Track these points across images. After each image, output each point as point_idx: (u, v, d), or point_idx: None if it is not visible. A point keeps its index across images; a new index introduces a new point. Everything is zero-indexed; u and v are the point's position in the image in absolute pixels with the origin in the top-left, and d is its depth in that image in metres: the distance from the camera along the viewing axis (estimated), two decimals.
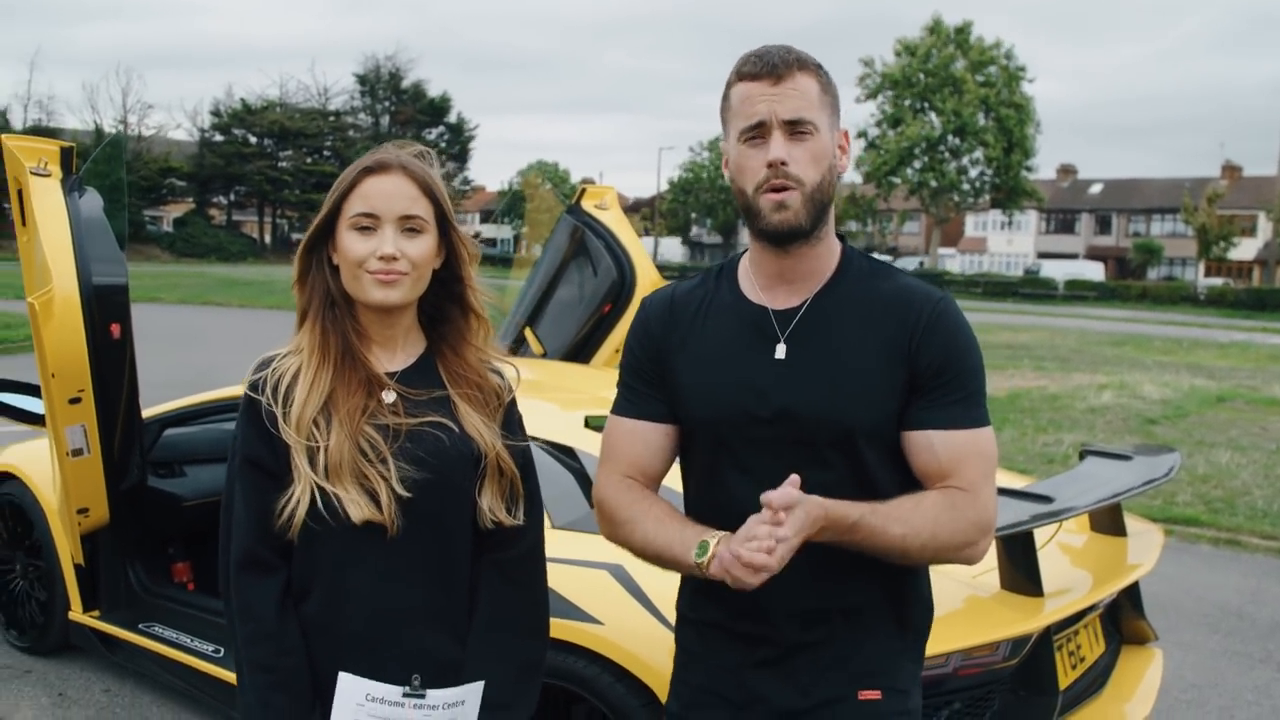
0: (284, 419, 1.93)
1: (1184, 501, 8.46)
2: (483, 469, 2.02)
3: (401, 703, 1.94)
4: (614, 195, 6.05)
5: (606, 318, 5.79)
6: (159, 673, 4.34)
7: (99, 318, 3.87)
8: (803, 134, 1.84)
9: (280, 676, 1.94)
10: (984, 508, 1.86)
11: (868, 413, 1.87)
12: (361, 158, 2.01)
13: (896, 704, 1.96)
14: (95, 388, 3.92)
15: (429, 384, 2.03)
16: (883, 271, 1.99)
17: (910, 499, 1.85)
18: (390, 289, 1.95)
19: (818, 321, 1.92)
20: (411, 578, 1.98)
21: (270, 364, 2.00)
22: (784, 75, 1.83)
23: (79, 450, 3.99)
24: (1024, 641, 2.88)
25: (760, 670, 1.97)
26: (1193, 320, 38.01)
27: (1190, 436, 11.43)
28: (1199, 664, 5.27)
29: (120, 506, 4.29)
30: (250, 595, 1.96)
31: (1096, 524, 3.70)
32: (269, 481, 1.94)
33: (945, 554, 1.86)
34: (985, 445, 1.89)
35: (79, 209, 3.88)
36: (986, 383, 1.96)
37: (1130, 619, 3.71)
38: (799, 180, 1.85)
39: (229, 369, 13.18)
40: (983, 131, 53.68)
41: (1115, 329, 30.54)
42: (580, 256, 5.83)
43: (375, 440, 1.93)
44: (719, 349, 1.97)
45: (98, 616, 4.51)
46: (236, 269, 49.88)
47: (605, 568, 3.04)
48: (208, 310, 26.75)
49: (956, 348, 1.89)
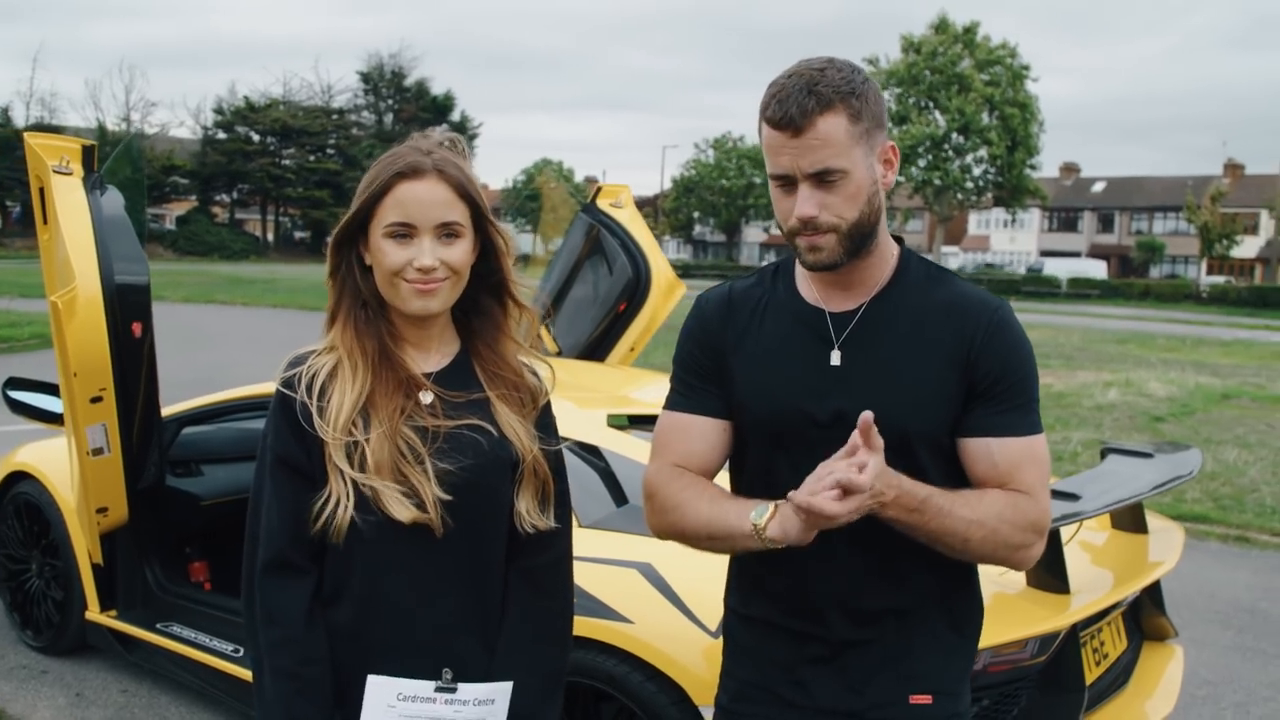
0: (320, 416, 1.89)
1: (1193, 499, 8.45)
2: (520, 472, 2.00)
3: (434, 698, 1.91)
4: (629, 194, 6.05)
5: (622, 316, 5.79)
6: (176, 672, 4.33)
7: (121, 316, 3.86)
8: (831, 182, 1.80)
9: (304, 684, 1.90)
10: (1042, 511, 1.88)
11: (922, 418, 1.88)
12: (390, 156, 1.95)
13: (947, 707, 1.96)
14: (116, 387, 3.92)
15: (466, 385, 2.00)
16: (939, 277, 1.98)
17: (975, 492, 1.86)
18: (430, 299, 1.92)
19: (874, 326, 1.92)
20: (446, 584, 1.95)
21: (304, 360, 1.97)
22: (804, 127, 1.77)
23: (99, 449, 3.99)
24: (1052, 639, 2.88)
25: (812, 667, 1.96)
26: (1195, 318, 38.00)
27: (1197, 434, 11.43)
28: (1213, 661, 5.27)
29: (138, 506, 4.29)
30: (277, 600, 1.92)
31: (1118, 522, 3.71)
32: (302, 481, 1.90)
33: (1002, 552, 1.86)
34: (1041, 452, 1.90)
35: (100, 207, 3.87)
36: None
37: (1151, 616, 3.71)
38: (833, 226, 1.83)
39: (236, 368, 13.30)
40: (987, 130, 53.61)
41: (1119, 327, 30.52)
42: (596, 255, 5.82)
43: (414, 441, 1.90)
44: (776, 349, 1.96)
45: (115, 616, 4.51)
46: (240, 267, 49.84)
47: (635, 566, 3.04)
48: (212, 309, 26.72)
49: (1015, 357, 1.90)
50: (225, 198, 70.47)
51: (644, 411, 4.40)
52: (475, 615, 1.99)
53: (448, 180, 1.92)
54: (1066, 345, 23.25)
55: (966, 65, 53.95)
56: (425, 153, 1.94)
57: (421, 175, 1.90)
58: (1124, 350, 22.18)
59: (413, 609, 1.93)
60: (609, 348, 5.82)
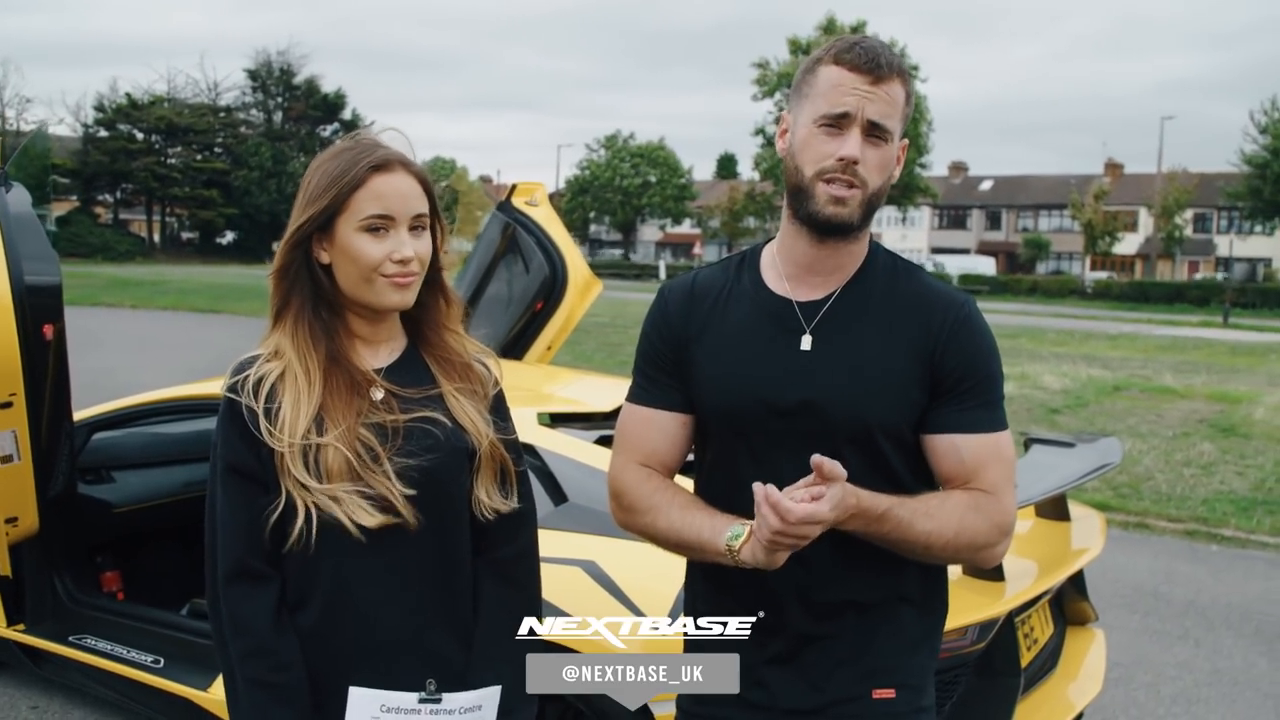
0: (270, 423, 1.85)
1: (1093, 488, 8.69)
2: (477, 460, 1.97)
3: (418, 709, 1.88)
4: (544, 192, 6.02)
5: (539, 315, 5.76)
6: (91, 685, 4.19)
7: (31, 318, 3.70)
8: (879, 139, 1.84)
9: (280, 692, 1.86)
10: (1006, 510, 1.87)
11: (887, 409, 1.87)
12: (350, 150, 1.91)
13: (910, 701, 1.94)
14: (27, 391, 3.76)
15: (418, 377, 1.98)
16: (906, 270, 1.98)
17: (936, 496, 1.86)
18: (407, 291, 1.91)
19: (843, 315, 1.91)
20: (414, 580, 1.92)
21: (247, 367, 1.92)
22: (883, 78, 1.81)
23: (8, 457, 3.82)
24: (990, 625, 2.94)
25: (772, 667, 1.94)
26: (1082, 313, 39.27)
27: (1092, 425, 11.80)
28: (1122, 643, 5.43)
29: (48, 514, 4.12)
30: (243, 608, 1.87)
31: (1041, 510, 3.79)
32: (255, 488, 1.87)
33: (966, 554, 1.87)
34: (1006, 449, 1.90)
35: (7, 205, 3.71)
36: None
37: (1074, 600, 3.82)
38: (863, 181, 1.84)
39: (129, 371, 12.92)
40: None
41: (1009, 321, 31.30)
42: (512, 253, 5.78)
43: (371, 442, 1.87)
44: (739, 339, 1.94)
45: (23, 630, 4.33)
46: (125, 269, 48.36)
47: (578, 564, 3.02)
48: (99, 311, 25.85)
49: (980, 354, 1.90)
50: (108, 197, 68.29)
51: (566, 409, 4.39)
52: (446, 609, 1.96)
53: (412, 172, 1.91)
54: None
55: None
56: (385, 146, 1.92)
57: (392, 168, 1.89)
58: (1016, 344, 22.78)
59: (381, 607, 1.90)
60: (526, 346, 5.79)
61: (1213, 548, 7.48)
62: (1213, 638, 5.60)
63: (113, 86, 79.08)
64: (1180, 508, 8.29)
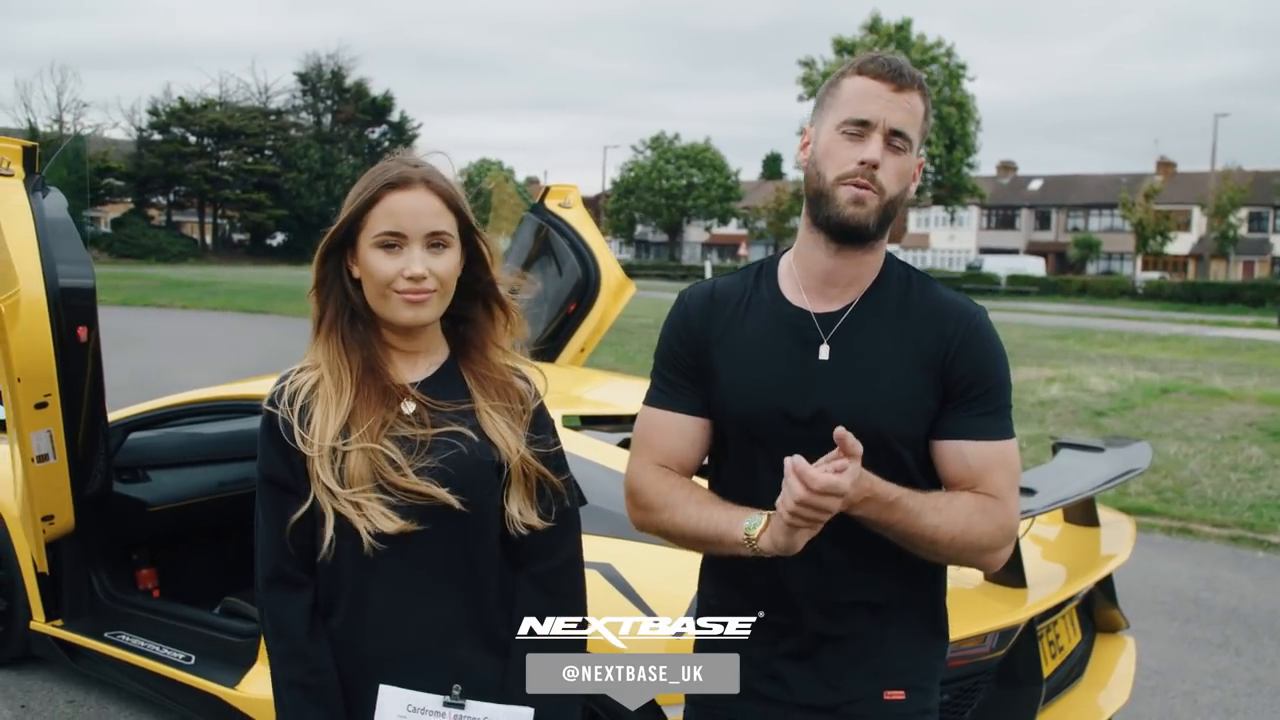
0: (303, 431, 1.91)
1: (1136, 492, 8.60)
2: (506, 475, 1.99)
3: (442, 712, 1.93)
4: (577, 194, 6.04)
5: (571, 317, 5.79)
6: (126, 681, 4.27)
7: (65, 320, 3.79)
8: (899, 148, 1.89)
9: (313, 694, 1.93)
10: (1010, 515, 1.92)
11: (900, 418, 1.92)
12: (378, 168, 1.97)
13: (919, 703, 2.00)
14: (61, 392, 3.84)
15: (453, 391, 2.01)
16: (921, 282, 2.02)
17: (945, 494, 1.91)
18: (420, 308, 1.94)
19: (859, 326, 1.96)
20: (435, 590, 1.95)
21: (286, 379, 1.99)
22: (905, 87, 1.88)
23: (44, 456, 3.91)
24: (1010, 632, 2.92)
25: (787, 662, 1.98)
26: (1132, 314, 38.71)
27: (1138, 428, 11.62)
28: (1160, 651, 5.37)
29: (85, 513, 4.21)
30: (280, 613, 1.95)
31: (1070, 516, 3.76)
32: (288, 497, 1.92)
33: (970, 554, 1.90)
34: (1012, 456, 1.95)
35: (43, 209, 3.79)
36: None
37: (1103, 608, 3.78)
38: (881, 188, 1.88)
39: (175, 371, 13.12)
40: None
41: (1058, 323, 30.99)
42: (545, 255, 5.81)
43: (394, 454, 1.91)
44: (757, 347, 1.98)
45: (61, 625, 4.42)
46: (177, 270, 49.04)
47: (595, 567, 3.00)
48: (150, 312, 26.31)
49: (989, 361, 1.95)
50: (162, 200, 69.38)
51: (597, 412, 4.40)
52: (472, 617, 1.99)
53: (436, 191, 1.94)
54: (1008, 342, 22.94)
55: None
56: (413, 165, 1.97)
57: (410, 186, 1.93)
58: (1064, 346, 22.54)
59: (406, 614, 1.95)
60: (559, 348, 5.82)
61: (1258, 554, 7.34)
62: (1254, 646, 5.51)
63: (166, 91, 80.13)
64: (1226, 513, 8.15)
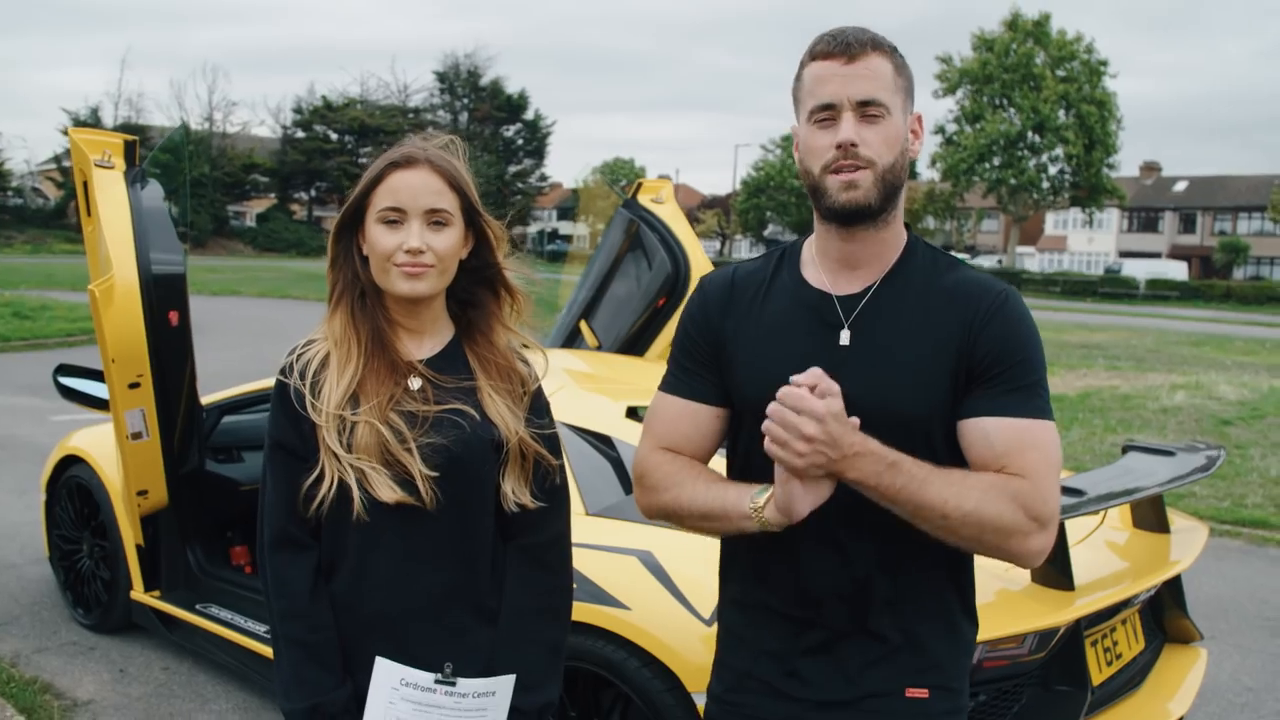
0: (312, 401, 2.00)
1: (1254, 504, 8.27)
2: (504, 454, 2.07)
3: (433, 689, 2.00)
4: (670, 189, 6.08)
5: (661, 311, 5.82)
6: (215, 652, 4.47)
7: (157, 305, 3.99)
8: (874, 116, 1.82)
9: (312, 651, 2.01)
10: (1039, 496, 1.77)
11: (917, 402, 1.84)
12: (388, 151, 2.07)
13: (944, 703, 1.92)
14: (154, 373, 4.05)
15: (457, 371, 2.09)
16: (947, 263, 1.95)
17: (963, 471, 1.80)
18: (417, 281, 2.01)
19: (881, 308, 1.90)
20: (433, 559, 2.03)
21: (299, 349, 2.08)
22: (857, 55, 1.81)
23: (138, 434, 4.12)
24: (1051, 635, 2.86)
25: (807, 658, 1.93)
26: (1278, 321, 36.99)
27: (1265, 438, 11.16)
28: (1257, 667, 5.17)
29: (180, 490, 4.42)
30: (284, 573, 2.03)
31: (1140, 520, 3.66)
32: (297, 463, 2.01)
33: (991, 536, 1.76)
34: (1044, 436, 1.81)
35: (140, 200, 4.00)
36: (1057, 380, 1.90)
37: (1174, 616, 3.66)
38: (870, 161, 1.82)
39: None
40: (1063, 128, 52.72)
41: (1196, 329, 29.83)
42: (635, 250, 5.86)
43: (400, 427, 1.99)
44: (777, 332, 1.94)
45: (158, 596, 4.66)
46: (316, 264, 50.53)
47: (635, 554, 3.08)
48: (286, 304, 27.23)
49: (1014, 339, 1.84)
50: (303, 195, 71.61)
51: None
52: (466, 585, 2.07)
53: (438, 170, 2.03)
54: (1139, 347, 22.81)
55: (1041, 61, 53.14)
56: (420, 146, 2.06)
57: (413, 164, 2.02)
58: (1198, 353, 21.69)
59: (404, 580, 2.03)
60: (648, 342, 5.85)
61: None
62: None
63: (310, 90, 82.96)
64: None
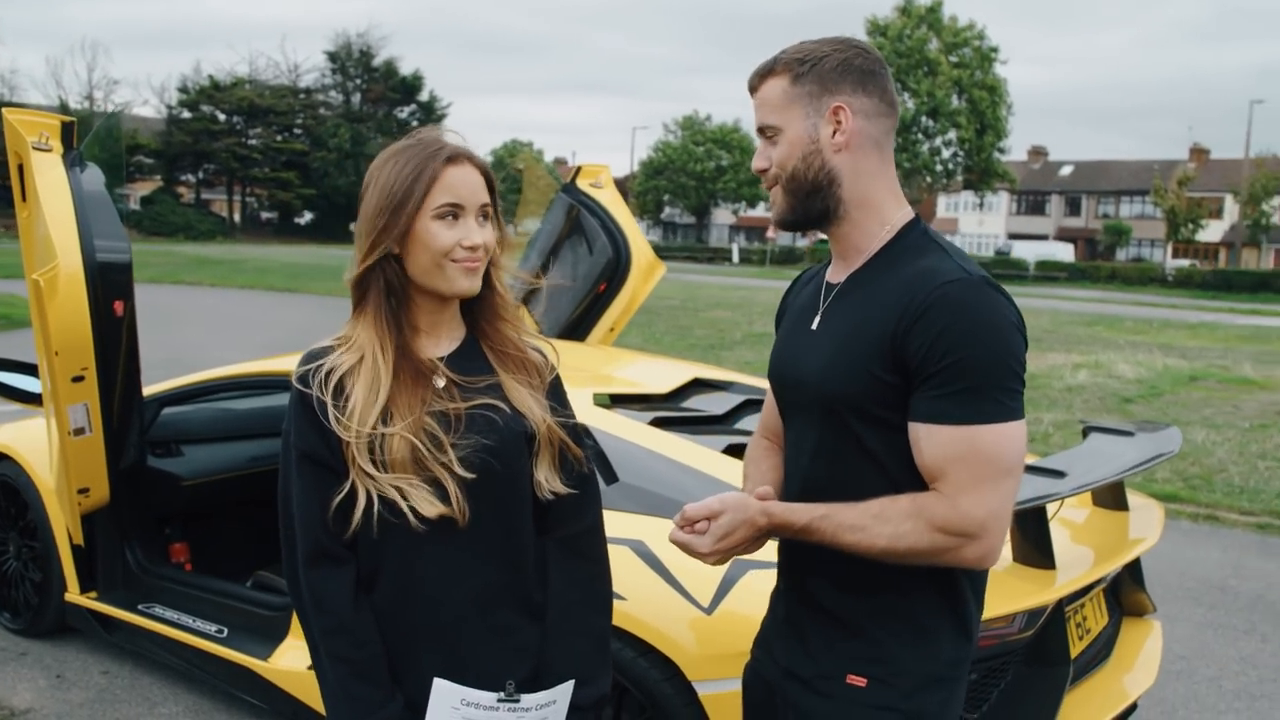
0: (339, 413, 1.92)
1: (1163, 479, 8.56)
2: (536, 444, 2.04)
3: (496, 707, 1.96)
4: (609, 174, 6.05)
5: (602, 297, 5.80)
6: (159, 653, 4.32)
7: (103, 295, 3.82)
8: (770, 138, 1.98)
9: (359, 667, 1.96)
10: (958, 513, 1.76)
11: (843, 384, 1.88)
12: (418, 146, 1.97)
13: (880, 698, 1.91)
14: (98, 366, 3.89)
15: (477, 366, 2.05)
16: (925, 250, 1.90)
17: (879, 503, 1.82)
18: (475, 277, 1.99)
19: (847, 296, 1.97)
20: (477, 561, 1.99)
21: (319, 356, 1.98)
22: (756, 87, 1.99)
23: (81, 429, 3.96)
24: (1038, 613, 2.92)
25: (784, 627, 2.09)
26: (1161, 301, 38.37)
27: (1166, 415, 11.56)
28: (1186, 636, 5.36)
29: (119, 486, 4.26)
30: (324, 589, 1.96)
31: (1099, 499, 3.75)
32: (328, 475, 1.94)
33: (924, 559, 1.81)
34: (981, 444, 1.75)
35: (81, 185, 3.83)
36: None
37: (1131, 591, 3.76)
38: (775, 177, 1.98)
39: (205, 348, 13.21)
40: (956, 113, 53.86)
41: (1086, 309, 30.78)
42: (575, 235, 5.83)
43: (436, 432, 1.94)
44: (790, 320, 2.13)
45: (95, 597, 4.49)
46: (206, 248, 49.39)
47: (627, 543, 3.05)
48: (179, 289, 26.47)
49: (950, 335, 1.75)
50: (191, 178, 69.69)
51: (626, 391, 4.40)
52: (512, 586, 2.04)
53: (477, 166, 2.01)
54: (1035, 328, 23.43)
55: (934, 48, 54.15)
56: (454, 142, 2.02)
57: (461, 161, 1.98)
58: (1092, 332, 22.40)
59: (447, 588, 1.98)
60: (589, 327, 5.84)
61: None
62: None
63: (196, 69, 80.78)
64: (1253, 500, 8.10)
